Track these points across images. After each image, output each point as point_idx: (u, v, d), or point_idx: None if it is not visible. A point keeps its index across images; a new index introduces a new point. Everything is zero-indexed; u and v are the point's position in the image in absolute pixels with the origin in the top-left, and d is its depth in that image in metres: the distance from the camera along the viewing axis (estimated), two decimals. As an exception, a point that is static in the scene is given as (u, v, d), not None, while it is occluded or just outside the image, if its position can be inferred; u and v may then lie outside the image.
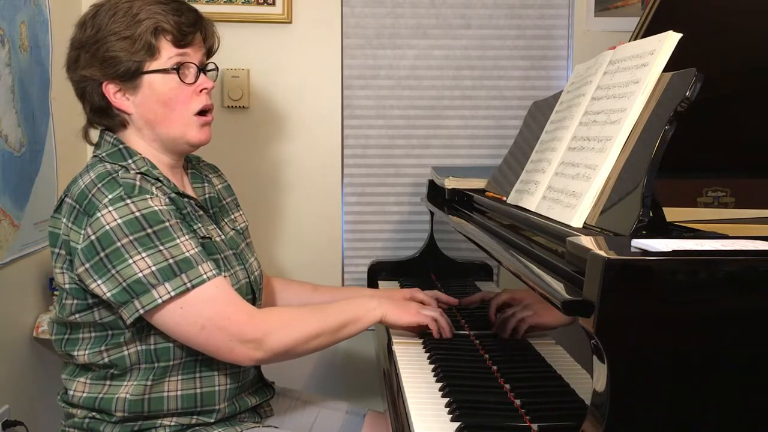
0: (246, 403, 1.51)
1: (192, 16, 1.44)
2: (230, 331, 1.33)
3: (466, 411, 1.14)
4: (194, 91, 1.44)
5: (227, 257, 1.47)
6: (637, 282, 0.80)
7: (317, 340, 1.39)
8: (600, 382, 0.82)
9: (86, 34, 1.40)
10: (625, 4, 2.43)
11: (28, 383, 1.94)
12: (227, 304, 1.34)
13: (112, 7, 1.39)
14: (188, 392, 1.41)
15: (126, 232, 1.29)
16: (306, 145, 2.42)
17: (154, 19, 1.38)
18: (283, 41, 2.38)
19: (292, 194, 2.44)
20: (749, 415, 0.82)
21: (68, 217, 1.35)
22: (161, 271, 1.29)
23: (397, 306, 1.47)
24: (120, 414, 1.39)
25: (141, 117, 1.42)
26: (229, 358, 1.36)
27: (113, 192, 1.32)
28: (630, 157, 1.08)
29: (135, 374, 1.39)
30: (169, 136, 1.44)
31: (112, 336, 1.38)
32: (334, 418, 1.67)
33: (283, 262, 2.45)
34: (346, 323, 1.42)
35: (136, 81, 1.40)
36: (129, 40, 1.37)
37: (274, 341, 1.35)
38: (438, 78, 2.46)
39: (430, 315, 1.48)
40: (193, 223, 1.42)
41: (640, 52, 1.19)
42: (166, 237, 1.31)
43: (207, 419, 1.44)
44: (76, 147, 2.27)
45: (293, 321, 1.40)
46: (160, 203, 1.34)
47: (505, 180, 1.64)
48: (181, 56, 1.42)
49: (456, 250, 2.26)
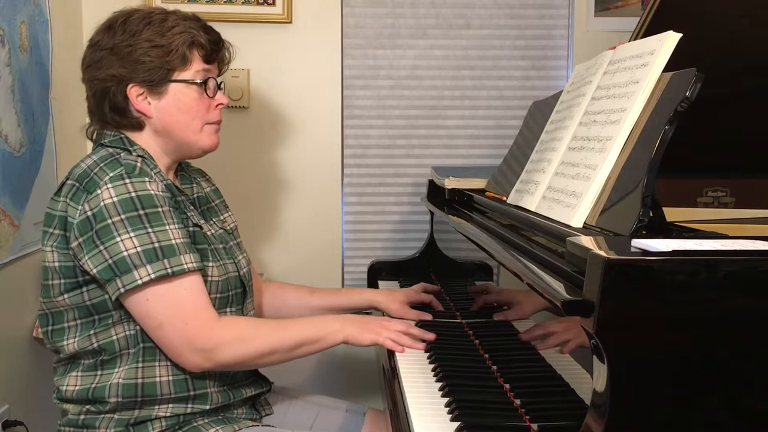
0: (240, 394, 1.52)
1: (217, 36, 1.54)
2: (184, 335, 1.36)
3: (466, 411, 1.14)
4: (212, 104, 1.53)
5: (216, 249, 1.50)
6: (637, 282, 0.80)
7: (271, 356, 1.43)
8: (600, 382, 0.82)
9: (117, 38, 1.46)
10: (625, 4, 2.43)
11: (28, 383, 1.94)
12: (190, 308, 1.37)
13: (145, 17, 1.47)
14: (179, 377, 1.43)
15: (119, 211, 1.34)
16: (306, 145, 2.43)
17: (189, 33, 1.47)
18: (283, 41, 2.38)
19: (292, 194, 2.44)
20: (749, 415, 0.82)
21: (66, 195, 1.39)
22: (145, 253, 1.33)
23: (359, 327, 1.49)
24: (114, 400, 1.40)
25: (160, 121, 1.49)
26: (178, 360, 1.39)
27: (114, 170, 1.37)
28: (630, 157, 1.08)
29: (125, 359, 1.41)
30: (184, 141, 1.51)
31: (100, 320, 1.41)
32: (334, 416, 1.67)
33: (283, 261, 2.45)
34: (304, 342, 1.45)
35: (162, 87, 1.47)
36: (163, 49, 1.45)
37: (223, 354, 1.38)
38: (438, 78, 2.46)
39: (390, 335, 1.48)
40: (185, 210, 1.47)
41: (640, 52, 1.19)
42: (157, 221, 1.36)
43: (201, 406, 1.44)
44: (76, 147, 2.27)
45: (249, 336, 1.41)
46: (156, 188, 1.39)
47: (505, 180, 1.64)
48: (207, 71, 1.51)
49: (456, 250, 2.27)
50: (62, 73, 2.12)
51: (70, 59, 2.22)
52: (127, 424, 1.41)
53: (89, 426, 1.42)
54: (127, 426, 1.41)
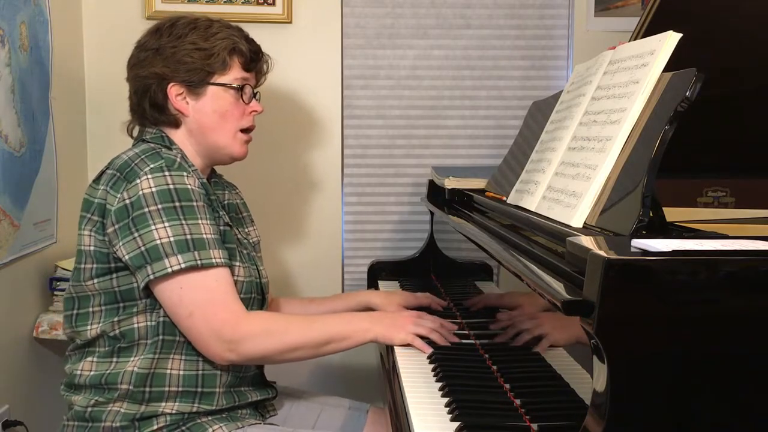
0: (246, 397, 1.52)
1: (257, 47, 1.63)
2: (212, 325, 1.38)
3: (466, 411, 1.14)
4: (246, 110, 1.59)
5: (242, 252, 1.53)
6: (637, 282, 0.80)
7: (296, 352, 1.43)
8: (600, 382, 0.82)
9: (163, 40, 1.53)
10: (625, 4, 2.43)
11: (28, 383, 1.94)
12: (220, 298, 1.39)
13: (191, 23, 1.55)
14: (190, 372, 1.45)
15: (156, 201, 1.38)
16: (306, 145, 2.43)
17: (231, 40, 1.55)
18: (283, 41, 2.38)
19: (292, 194, 2.44)
20: (749, 415, 0.82)
21: (107, 184, 1.43)
22: (177, 243, 1.37)
23: (389, 326, 1.48)
24: (125, 387, 1.42)
25: (196, 121, 1.55)
26: (205, 351, 1.41)
27: (155, 162, 1.42)
28: (630, 157, 1.08)
29: (142, 349, 1.44)
30: (216, 144, 1.57)
31: (124, 308, 1.44)
32: (336, 414, 1.68)
33: (283, 261, 2.45)
34: (332, 340, 1.45)
35: (201, 89, 1.53)
36: (205, 52, 1.52)
37: (249, 347, 1.39)
38: (438, 78, 2.46)
39: (422, 332, 1.47)
40: (218, 209, 1.51)
41: (640, 52, 1.19)
42: (191, 214, 1.40)
43: (207, 406, 1.45)
44: (76, 147, 2.27)
45: (276, 330, 1.43)
46: (193, 183, 1.44)
47: (505, 180, 1.64)
48: (244, 79, 1.58)
49: (456, 250, 2.27)
50: (62, 73, 2.12)
51: (70, 59, 2.23)
52: (132, 419, 1.42)
53: (95, 419, 1.43)
54: (133, 420, 1.42)
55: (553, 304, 0.89)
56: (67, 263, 2.02)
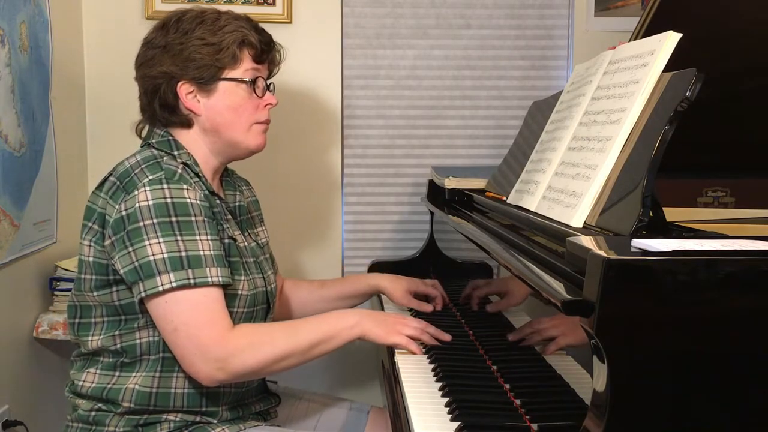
0: (250, 409, 1.52)
1: (268, 37, 1.56)
2: (197, 343, 1.32)
3: (466, 411, 1.14)
4: (260, 104, 1.53)
5: (248, 263, 1.49)
6: (637, 282, 0.80)
7: (286, 361, 1.38)
8: (600, 382, 0.82)
9: (170, 36, 1.47)
10: (625, 4, 2.43)
11: (28, 383, 1.94)
12: (206, 316, 1.33)
13: (198, 16, 1.49)
14: (194, 391, 1.42)
15: (152, 214, 1.33)
16: (306, 145, 2.42)
17: (240, 33, 1.48)
18: (283, 41, 2.35)
19: (292, 194, 2.43)
20: (749, 415, 0.82)
21: (107, 193, 1.40)
22: (171, 260, 1.32)
23: (378, 323, 1.45)
24: (127, 405, 1.39)
25: (209, 119, 1.49)
26: (191, 371, 1.35)
27: (154, 174, 1.38)
28: (630, 157, 1.08)
29: (144, 365, 1.41)
30: (232, 141, 1.51)
31: (126, 321, 1.41)
32: (337, 415, 1.68)
33: (283, 261, 2.44)
34: (319, 342, 1.40)
35: (211, 85, 1.48)
36: (214, 47, 1.46)
37: (237, 364, 1.33)
38: (438, 78, 2.46)
39: (412, 333, 1.46)
40: (222, 222, 1.45)
41: (640, 52, 1.19)
42: (188, 230, 1.35)
43: (210, 419, 1.45)
44: (76, 147, 2.27)
45: (262, 341, 1.37)
46: (194, 197, 1.38)
47: (505, 180, 1.64)
48: (256, 71, 1.52)
49: (456, 250, 2.27)
50: (62, 73, 2.12)
51: (70, 59, 2.23)
52: (136, 425, 1.41)
53: (99, 423, 1.42)
54: (136, 426, 1.41)
55: (553, 304, 0.89)
56: (67, 263, 2.01)
